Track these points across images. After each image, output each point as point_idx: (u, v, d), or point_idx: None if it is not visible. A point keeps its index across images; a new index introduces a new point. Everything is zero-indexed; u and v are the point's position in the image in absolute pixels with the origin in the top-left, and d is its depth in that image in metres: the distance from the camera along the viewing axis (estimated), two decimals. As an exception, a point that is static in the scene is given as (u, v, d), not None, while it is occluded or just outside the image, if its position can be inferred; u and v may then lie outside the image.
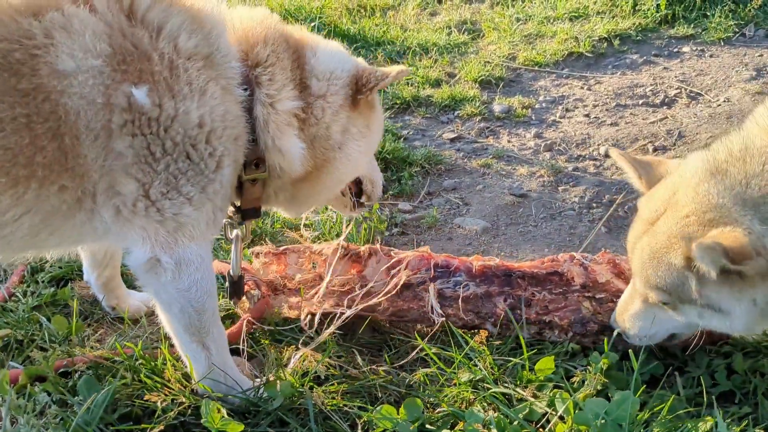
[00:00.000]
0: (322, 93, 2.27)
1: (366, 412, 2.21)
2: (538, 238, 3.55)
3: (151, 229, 2.04)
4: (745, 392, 2.36)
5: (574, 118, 4.89)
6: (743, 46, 5.84)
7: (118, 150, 1.93)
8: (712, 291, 2.12)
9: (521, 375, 2.38)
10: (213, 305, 2.21)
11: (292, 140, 2.20)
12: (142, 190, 1.98)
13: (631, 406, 2.03)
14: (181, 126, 1.97)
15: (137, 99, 1.90)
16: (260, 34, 2.20)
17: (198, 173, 2.03)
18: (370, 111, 2.42)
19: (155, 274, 2.09)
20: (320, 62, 2.29)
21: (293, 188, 2.35)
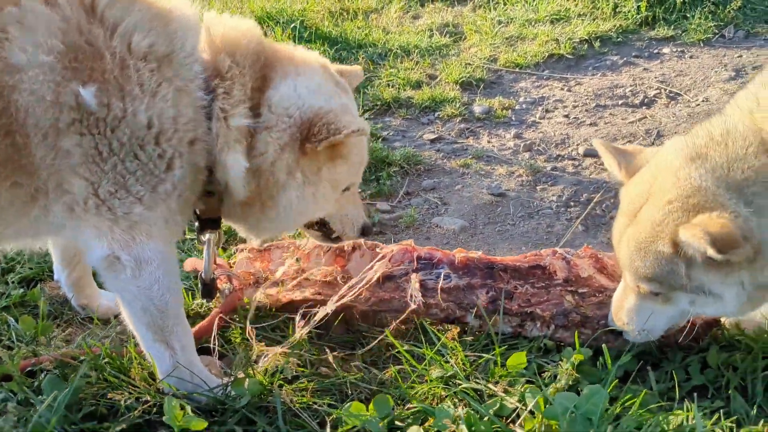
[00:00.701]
0: (270, 125, 2.13)
1: (335, 410, 2.18)
2: (515, 236, 3.54)
3: (105, 227, 2.01)
4: (717, 386, 2.35)
5: (554, 119, 4.89)
6: (723, 47, 5.87)
7: (65, 148, 1.91)
8: (701, 275, 2.11)
9: (493, 371, 2.36)
10: (176, 304, 2.18)
11: (236, 157, 2.09)
12: (91, 189, 1.96)
13: (601, 399, 2.01)
14: (128, 127, 1.93)
15: (84, 99, 1.87)
16: (230, 45, 2.13)
17: (147, 173, 1.99)
18: (330, 161, 2.25)
19: (115, 271, 2.06)
20: (278, 93, 2.15)
21: (242, 211, 2.26)
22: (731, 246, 1.95)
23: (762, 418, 2.19)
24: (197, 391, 2.18)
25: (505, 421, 2.15)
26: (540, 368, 2.41)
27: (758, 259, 2.03)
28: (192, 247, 3.23)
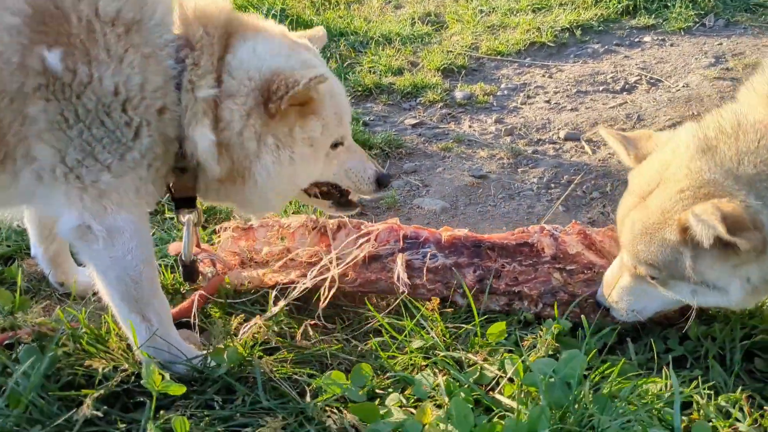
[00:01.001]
0: (232, 92, 2.06)
1: (315, 379, 2.18)
2: (496, 217, 3.54)
3: (75, 196, 1.98)
4: (696, 357, 2.37)
5: (535, 105, 4.91)
6: (703, 36, 5.91)
7: (32, 115, 1.87)
8: (706, 267, 2.08)
9: (473, 341, 2.36)
10: (151, 275, 2.15)
11: (203, 131, 2.03)
12: (58, 157, 1.94)
13: (578, 364, 2.02)
14: (94, 93, 1.89)
15: (50, 63, 1.84)
16: (202, 16, 2.08)
17: (114, 141, 1.96)
18: (301, 119, 2.16)
19: (87, 241, 2.04)
20: (236, 57, 2.09)
21: (224, 189, 2.20)
22: (740, 227, 1.91)
23: (739, 386, 2.21)
24: (175, 362, 2.16)
25: (484, 389, 2.15)
26: (520, 340, 2.42)
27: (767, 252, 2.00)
28: (172, 226, 3.21)
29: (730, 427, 2.02)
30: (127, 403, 2.10)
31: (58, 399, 2.02)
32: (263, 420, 2.00)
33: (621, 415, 1.90)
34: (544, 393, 1.92)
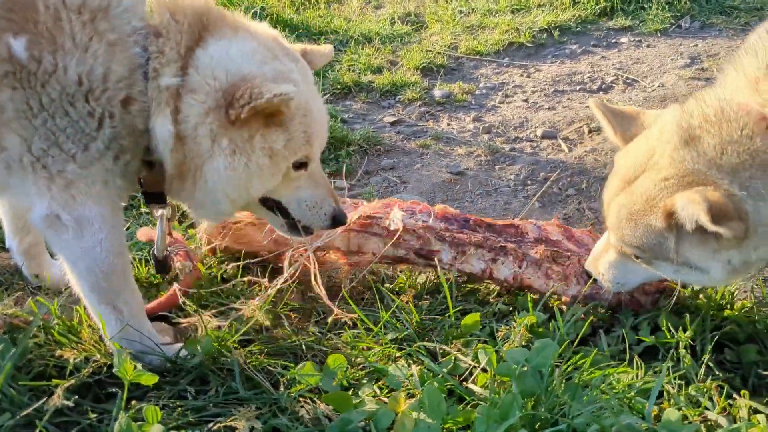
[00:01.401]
0: (194, 87, 1.98)
1: (289, 371, 2.17)
2: (473, 212, 3.54)
3: (43, 186, 1.97)
4: (668, 348, 2.39)
5: (513, 103, 4.94)
6: (679, 37, 5.99)
7: (0, 103, 1.86)
8: (689, 251, 2.12)
9: (447, 333, 2.37)
10: (122, 267, 2.13)
11: (163, 122, 1.98)
12: (25, 146, 1.92)
13: (551, 353, 2.03)
14: (59, 82, 1.87)
15: (15, 50, 1.81)
16: (173, 3, 2.03)
17: (78, 131, 1.93)
18: (265, 128, 2.05)
19: (56, 231, 2.02)
20: (207, 54, 2.01)
21: (176, 185, 2.12)
22: (725, 216, 1.92)
23: (709, 376, 2.24)
24: (147, 353, 2.15)
25: (458, 380, 2.16)
26: (494, 331, 2.43)
27: (749, 238, 2.02)
28: (147, 220, 3.20)
29: (700, 416, 2.05)
30: (98, 394, 2.08)
31: (29, 389, 2.00)
32: (236, 410, 1.99)
33: (592, 403, 1.92)
34: (516, 381, 1.93)
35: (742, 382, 2.26)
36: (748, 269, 2.20)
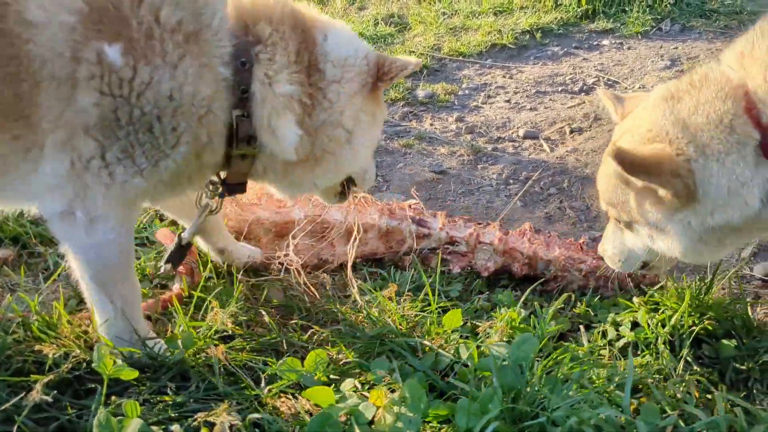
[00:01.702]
0: (337, 78, 2.14)
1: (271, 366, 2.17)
2: (456, 211, 3.57)
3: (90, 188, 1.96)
4: (647, 343, 2.41)
5: (496, 104, 4.96)
6: (660, 40, 6.05)
7: (82, 105, 1.85)
8: (647, 209, 2.18)
9: (429, 329, 2.38)
10: (125, 262, 2.15)
11: (288, 125, 2.10)
12: (99, 151, 1.92)
13: (531, 347, 2.05)
14: (153, 95, 1.89)
15: (109, 56, 1.83)
16: (267, 11, 2.09)
17: (155, 147, 1.96)
18: (378, 101, 2.31)
19: (69, 225, 2.02)
20: (334, 46, 2.16)
21: (284, 170, 2.25)
22: (647, 169, 2.02)
23: (688, 371, 2.26)
24: (132, 347, 2.14)
25: (440, 375, 2.17)
26: (475, 328, 2.44)
27: (701, 202, 2.06)
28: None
29: (678, 409, 2.07)
30: (78, 390, 2.07)
31: (8, 385, 1.98)
32: (217, 406, 1.98)
33: (571, 396, 1.93)
34: (496, 375, 1.94)
35: (719, 377, 2.29)
36: (718, 241, 2.20)
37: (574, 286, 2.79)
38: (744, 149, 1.97)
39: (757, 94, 1.96)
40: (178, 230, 2.63)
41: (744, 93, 1.99)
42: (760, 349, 2.32)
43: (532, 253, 2.83)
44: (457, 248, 2.88)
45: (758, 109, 1.95)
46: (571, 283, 2.80)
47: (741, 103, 1.98)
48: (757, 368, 2.27)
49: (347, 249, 2.91)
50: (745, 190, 2.00)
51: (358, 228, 2.87)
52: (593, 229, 3.38)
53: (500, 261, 2.85)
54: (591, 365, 2.17)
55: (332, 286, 2.78)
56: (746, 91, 1.98)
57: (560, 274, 2.81)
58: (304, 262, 2.80)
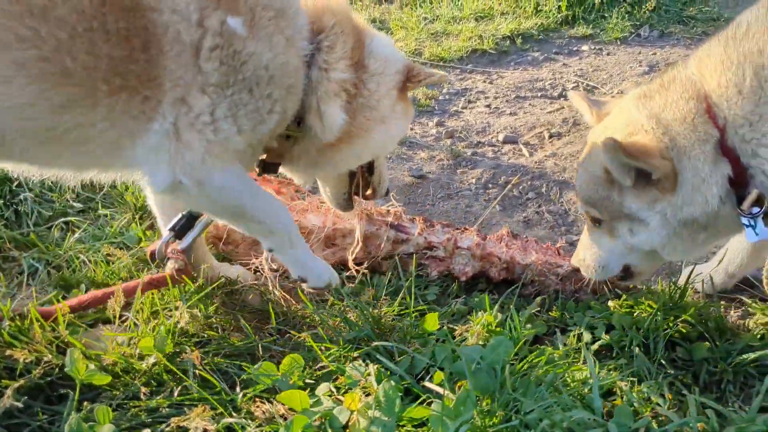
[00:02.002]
0: (379, 71, 2.44)
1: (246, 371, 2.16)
2: (435, 215, 3.58)
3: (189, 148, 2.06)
4: (622, 346, 2.43)
5: (476, 109, 4.98)
6: (638, 46, 6.10)
7: (205, 69, 1.99)
8: (631, 199, 2.25)
9: (406, 333, 2.38)
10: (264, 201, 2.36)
11: (336, 110, 2.33)
12: (210, 108, 2.04)
13: (506, 350, 2.05)
14: (254, 64, 2.06)
15: (233, 27, 1.99)
16: (331, 6, 2.35)
17: (254, 110, 2.12)
18: (407, 100, 2.60)
19: (183, 192, 2.13)
20: (377, 47, 2.47)
21: (317, 154, 2.47)
22: (642, 153, 2.10)
23: (661, 373, 2.28)
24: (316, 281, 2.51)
25: (415, 378, 2.17)
26: (452, 332, 2.45)
27: (678, 193, 2.15)
28: (105, 223, 3.16)
29: (651, 411, 2.08)
30: (50, 396, 2.05)
31: (-22, 392, 1.97)
32: (191, 411, 1.97)
33: (545, 399, 1.94)
34: (470, 378, 1.95)
35: (693, 379, 2.30)
36: (690, 237, 2.27)
37: (551, 290, 2.80)
38: (705, 146, 2.08)
39: (712, 98, 2.08)
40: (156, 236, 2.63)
41: (704, 95, 2.10)
42: (732, 351, 2.33)
43: (510, 258, 2.84)
44: (435, 253, 2.89)
45: (714, 111, 2.07)
46: (548, 288, 2.81)
47: (702, 104, 2.09)
48: (730, 370, 2.28)
49: (325, 254, 2.91)
50: (705, 186, 2.10)
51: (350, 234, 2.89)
52: (570, 233, 3.40)
53: (478, 266, 2.86)
54: (566, 368, 2.18)
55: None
56: (705, 94, 2.10)
57: (537, 279, 2.82)
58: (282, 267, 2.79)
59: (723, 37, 2.13)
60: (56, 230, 3.09)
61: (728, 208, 2.13)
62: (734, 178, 2.09)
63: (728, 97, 2.05)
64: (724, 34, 2.14)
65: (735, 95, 2.04)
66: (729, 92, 2.05)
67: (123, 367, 2.14)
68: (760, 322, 2.55)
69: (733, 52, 2.06)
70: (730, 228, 2.23)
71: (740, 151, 2.06)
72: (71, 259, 2.83)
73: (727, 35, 2.12)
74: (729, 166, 2.07)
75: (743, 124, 2.03)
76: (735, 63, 2.04)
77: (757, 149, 2.03)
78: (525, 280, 2.82)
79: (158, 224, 2.77)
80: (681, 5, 6.79)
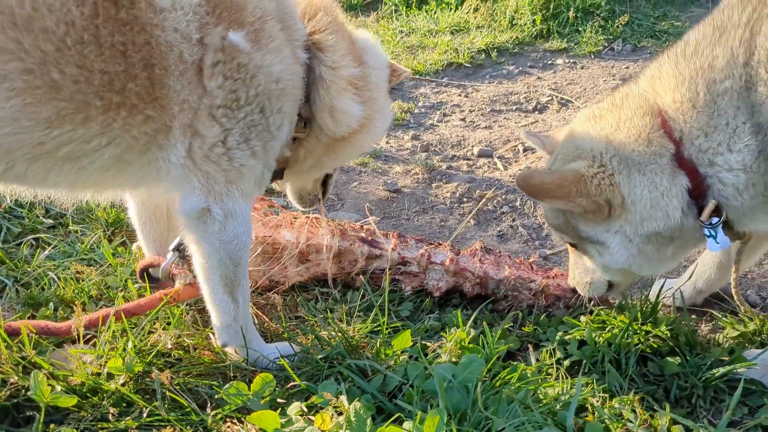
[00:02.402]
0: (377, 66, 2.53)
1: (217, 391, 2.14)
2: (410, 230, 3.58)
3: (213, 178, 2.06)
4: (594, 361, 2.44)
5: (451, 122, 5.00)
6: (612, 59, 6.16)
7: (209, 88, 1.95)
8: (581, 225, 2.30)
9: (378, 350, 2.37)
10: (247, 259, 2.26)
11: (352, 104, 2.38)
12: (222, 136, 2.01)
13: (478, 368, 2.05)
14: (264, 78, 2.02)
15: (234, 41, 1.94)
16: (320, 6, 2.34)
17: (265, 129, 2.08)
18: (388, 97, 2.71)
19: (204, 223, 2.10)
20: (366, 43, 2.54)
21: (323, 152, 2.50)
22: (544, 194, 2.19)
23: (633, 389, 2.29)
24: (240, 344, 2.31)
25: (388, 396, 2.16)
26: (425, 348, 2.44)
27: (632, 211, 2.19)
28: (76, 239, 3.12)
29: (623, 427, 2.09)
30: (16, 418, 2.02)
31: (-59, 415, 1.93)
32: (160, 432, 1.95)
33: (517, 416, 1.94)
34: (442, 396, 1.94)
35: (664, 394, 2.31)
36: (657, 251, 2.30)
37: (524, 305, 2.81)
38: (661, 160, 2.13)
39: (668, 112, 2.13)
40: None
41: (658, 111, 2.15)
42: (703, 366, 2.35)
43: (483, 273, 2.84)
44: (409, 268, 2.88)
45: (670, 125, 2.12)
46: (521, 302, 2.82)
47: (657, 119, 2.14)
48: (700, 385, 2.30)
49: (299, 270, 2.90)
50: (665, 200, 2.15)
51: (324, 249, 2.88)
52: (544, 247, 3.41)
53: (451, 281, 2.86)
54: (538, 385, 2.18)
55: (283, 306, 2.76)
56: (660, 110, 2.14)
57: (511, 293, 2.83)
58: (256, 284, 2.78)
59: (673, 55, 2.18)
60: (25, 247, 3.05)
61: (691, 220, 2.17)
62: (693, 190, 2.13)
63: (683, 111, 2.10)
64: (673, 52, 2.19)
65: (690, 109, 2.09)
66: (684, 107, 2.10)
67: (91, 388, 2.11)
68: (729, 336, 2.58)
69: (685, 69, 2.10)
70: (697, 239, 2.26)
71: (697, 162, 2.10)
72: (40, 276, 2.79)
73: (676, 53, 2.17)
74: (687, 178, 2.12)
75: (699, 135, 2.08)
76: (688, 79, 2.09)
77: (714, 158, 2.08)
78: (498, 295, 2.83)
79: (139, 240, 2.75)
80: (653, 20, 6.88)
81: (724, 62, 2.02)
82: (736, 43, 2.01)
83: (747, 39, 1.99)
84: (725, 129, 2.04)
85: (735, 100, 2.01)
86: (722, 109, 2.03)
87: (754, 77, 1.97)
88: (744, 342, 2.55)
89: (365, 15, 7.21)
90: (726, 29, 2.05)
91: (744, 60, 1.99)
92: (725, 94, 2.02)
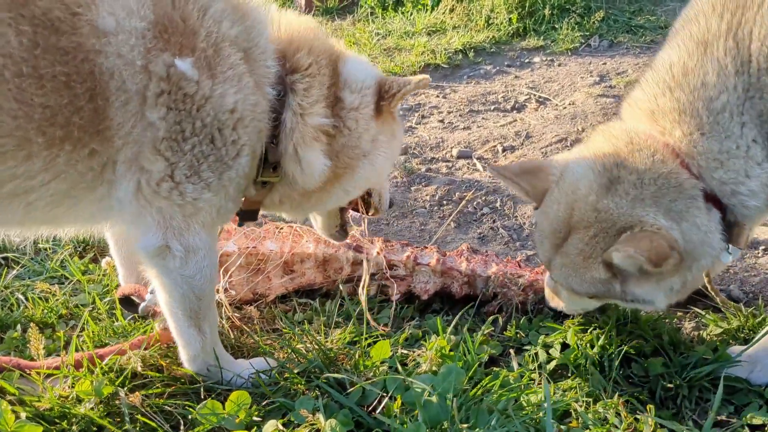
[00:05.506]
0: (356, 105, 2.21)
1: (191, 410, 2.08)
2: (390, 234, 3.53)
3: (168, 213, 1.97)
4: (577, 365, 2.39)
5: (430, 124, 4.96)
6: (589, 56, 6.15)
7: (151, 120, 1.84)
8: (635, 288, 2.14)
9: (358, 362, 2.32)
10: (212, 291, 2.20)
11: (316, 155, 2.16)
12: (168, 170, 1.91)
13: (458, 378, 2.00)
14: (213, 108, 1.90)
15: (182, 69, 1.82)
16: (306, 42, 2.15)
17: (218, 159, 1.96)
18: (393, 120, 2.37)
19: (163, 260, 2.03)
20: (351, 73, 2.23)
21: (301, 198, 2.30)
22: (664, 257, 1.96)
23: (617, 391, 2.25)
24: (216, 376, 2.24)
25: (367, 410, 2.11)
26: (405, 358, 2.39)
27: (684, 261, 2.06)
28: (46, 257, 3.04)
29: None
30: (-19, 448, 1.95)
31: None
32: (132, 456, 1.89)
33: (498, 426, 1.89)
34: (420, 409, 1.89)
35: (649, 395, 2.28)
36: (686, 289, 2.24)
37: (513, 302, 2.74)
38: (696, 201, 2.03)
39: (681, 149, 2.04)
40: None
41: (672, 151, 2.05)
42: (687, 365, 2.32)
43: (471, 271, 2.79)
44: (396, 272, 2.83)
45: (687, 162, 2.03)
46: (510, 300, 2.75)
47: (676, 161, 2.04)
48: (685, 385, 2.26)
49: (284, 281, 2.84)
50: (711, 237, 2.06)
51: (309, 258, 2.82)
52: (525, 248, 3.37)
53: (439, 282, 2.81)
54: (520, 392, 2.14)
55: (260, 319, 2.70)
56: (673, 149, 2.05)
57: (500, 291, 2.77)
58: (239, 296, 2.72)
59: (661, 86, 2.09)
60: (-6, 267, 2.98)
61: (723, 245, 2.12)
62: (723, 218, 2.07)
63: (694, 143, 2.02)
64: (660, 78, 2.10)
65: (699, 138, 2.01)
66: (694, 138, 2.02)
67: (60, 413, 2.04)
68: (713, 334, 2.54)
69: (680, 94, 2.03)
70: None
71: (720, 194, 2.04)
72: (7, 297, 2.72)
73: (664, 81, 2.08)
74: (717, 211, 2.06)
75: (716, 167, 2.02)
76: (687, 105, 2.02)
77: (735, 188, 2.02)
78: (487, 292, 2.78)
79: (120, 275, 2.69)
80: (629, 15, 6.87)
81: (715, 77, 1.95)
82: (721, 54, 1.95)
83: (732, 47, 1.93)
84: (737, 154, 1.98)
85: (736, 114, 1.95)
86: (728, 129, 1.96)
87: (755, 85, 1.91)
88: (728, 339, 2.51)
89: (341, 18, 7.16)
90: (708, 42, 1.97)
91: (735, 69, 1.93)
92: (724, 111, 1.96)
